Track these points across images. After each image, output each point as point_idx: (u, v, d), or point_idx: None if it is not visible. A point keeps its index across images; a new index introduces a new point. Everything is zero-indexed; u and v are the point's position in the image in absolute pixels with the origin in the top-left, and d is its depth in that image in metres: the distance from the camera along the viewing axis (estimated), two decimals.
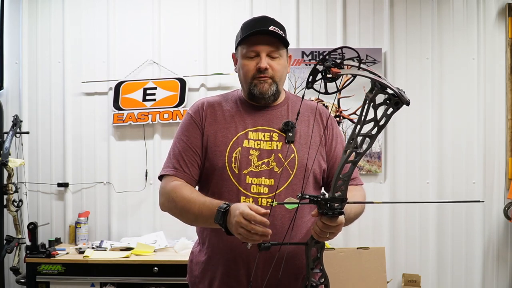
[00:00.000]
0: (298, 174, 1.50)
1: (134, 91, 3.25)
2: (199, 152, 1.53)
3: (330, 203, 1.21)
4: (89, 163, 3.31)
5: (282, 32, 1.51)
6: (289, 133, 1.51)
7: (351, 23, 3.26)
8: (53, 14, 3.33)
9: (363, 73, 1.11)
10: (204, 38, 3.28)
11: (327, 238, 1.29)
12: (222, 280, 1.50)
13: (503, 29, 3.20)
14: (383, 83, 1.07)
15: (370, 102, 1.10)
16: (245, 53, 1.52)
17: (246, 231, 1.24)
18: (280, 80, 1.55)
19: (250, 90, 1.53)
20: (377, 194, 3.20)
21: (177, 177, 1.52)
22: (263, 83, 1.51)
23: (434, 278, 3.21)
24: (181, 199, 1.45)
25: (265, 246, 1.30)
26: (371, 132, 1.12)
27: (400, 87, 1.09)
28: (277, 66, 1.52)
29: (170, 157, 1.56)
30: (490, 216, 3.19)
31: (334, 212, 1.22)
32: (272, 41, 1.50)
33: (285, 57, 1.55)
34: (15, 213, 2.97)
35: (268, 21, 1.54)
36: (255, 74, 1.51)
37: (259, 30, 1.49)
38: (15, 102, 3.32)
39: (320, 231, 1.27)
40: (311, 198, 1.23)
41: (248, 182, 1.48)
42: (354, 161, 1.17)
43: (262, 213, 1.25)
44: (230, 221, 1.29)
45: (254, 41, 1.50)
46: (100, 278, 2.79)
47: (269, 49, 1.50)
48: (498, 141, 3.19)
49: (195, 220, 1.46)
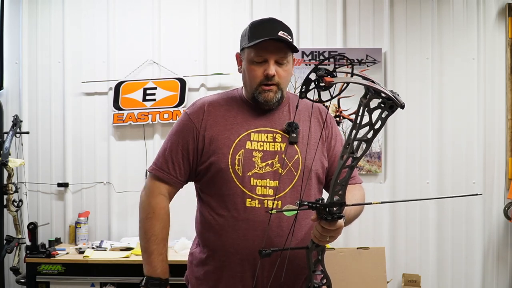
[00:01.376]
0: (302, 175, 1.49)
1: (134, 91, 3.25)
2: (190, 155, 1.52)
3: (329, 208, 1.21)
4: (89, 163, 3.31)
5: (290, 38, 1.49)
6: (292, 134, 1.50)
7: (351, 23, 3.26)
8: (53, 14, 3.33)
9: (356, 80, 1.11)
10: (204, 38, 3.28)
11: (327, 242, 1.29)
12: (227, 282, 1.49)
13: (503, 29, 3.20)
14: (377, 89, 1.08)
15: (365, 107, 1.10)
16: (252, 57, 1.49)
17: None
18: (286, 86, 1.54)
19: (255, 97, 1.51)
20: (377, 194, 3.20)
21: (163, 182, 1.54)
22: (268, 92, 1.49)
23: (434, 278, 3.21)
24: (146, 230, 1.54)
25: (266, 253, 1.31)
26: (366, 136, 1.13)
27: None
28: (284, 73, 1.50)
29: (160, 155, 1.57)
30: (490, 216, 3.19)
31: (333, 217, 1.22)
32: (281, 47, 1.47)
33: (291, 62, 1.54)
34: (15, 213, 2.97)
35: (277, 25, 1.50)
36: (262, 81, 1.49)
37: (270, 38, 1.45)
38: (15, 102, 3.32)
39: (320, 235, 1.27)
40: (309, 204, 1.23)
41: (253, 184, 1.46)
42: (351, 166, 1.18)
43: None
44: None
45: (263, 46, 1.47)
46: (100, 278, 2.79)
47: (278, 56, 1.48)
48: (498, 141, 3.19)
49: (142, 251, 1.56)
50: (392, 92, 1.09)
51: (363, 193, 1.60)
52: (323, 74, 1.10)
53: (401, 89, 3.19)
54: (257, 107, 1.55)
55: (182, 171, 1.54)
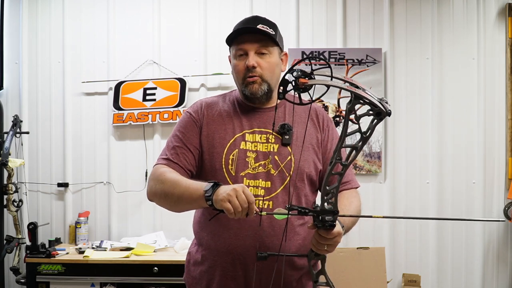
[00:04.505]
0: (294, 176, 1.49)
1: (134, 91, 3.25)
2: (194, 149, 1.52)
3: (321, 215, 1.20)
4: (89, 163, 3.31)
5: (271, 30, 1.50)
6: (285, 136, 1.51)
7: (351, 23, 3.26)
8: (53, 14, 3.33)
9: (334, 83, 1.11)
10: (204, 38, 3.28)
11: (326, 251, 1.28)
12: (220, 282, 1.50)
13: (503, 29, 3.20)
14: (358, 94, 1.07)
15: (349, 112, 1.10)
16: (234, 53, 1.53)
17: (236, 203, 1.22)
18: (272, 79, 1.52)
19: (243, 92, 1.53)
20: (377, 194, 3.20)
21: (169, 166, 1.50)
22: (253, 84, 1.50)
23: (434, 278, 3.21)
24: (169, 179, 1.42)
25: (262, 256, 1.31)
26: (358, 144, 1.12)
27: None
28: (265, 64, 1.50)
29: (164, 150, 1.56)
30: (490, 216, 3.18)
31: (325, 225, 1.21)
32: (259, 38, 1.49)
33: (276, 55, 1.54)
34: (15, 213, 2.97)
35: (257, 20, 1.53)
36: (245, 74, 1.50)
37: (245, 29, 1.49)
38: (15, 102, 3.32)
39: (317, 243, 1.26)
40: (300, 210, 1.22)
41: (245, 184, 1.46)
42: (341, 173, 1.17)
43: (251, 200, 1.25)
44: (223, 191, 1.26)
45: (242, 40, 1.50)
46: (100, 278, 2.79)
47: (256, 46, 1.49)
48: (498, 141, 3.19)
49: (178, 199, 1.39)
50: (380, 99, 1.08)
51: (359, 199, 1.58)
52: (299, 76, 1.10)
53: (401, 89, 3.20)
54: (252, 107, 1.56)
55: (187, 160, 1.51)
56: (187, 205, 1.41)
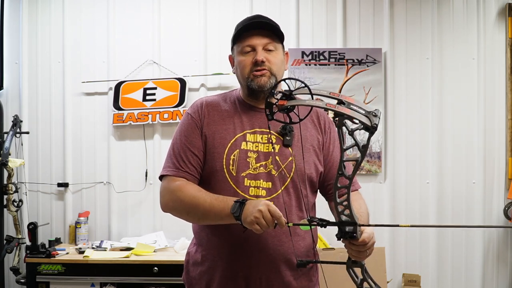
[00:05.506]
0: (295, 177, 1.49)
1: (134, 91, 3.25)
2: (199, 152, 1.52)
3: (341, 226, 1.25)
4: (89, 163, 3.31)
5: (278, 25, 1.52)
6: (286, 137, 1.50)
7: (351, 23, 3.26)
8: (53, 14, 3.33)
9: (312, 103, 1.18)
10: (204, 38, 3.28)
11: (360, 257, 1.32)
12: (220, 282, 1.49)
13: (503, 29, 3.20)
14: (338, 111, 1.12)
15: (339, 128, 1.17)
16: (240, 49, 1.52)
17: (264, 224, 1.28)
18: (278, 74, 1.52)
19: (248, 85, 1.51)
20: (377, 194, 3.20)
21: (179, 177, 1.49)
22: (261, 76, 1.49)
23: (434, 278, 3.21)
24: (189, 197, 1.43)
25: (301, 263, 1.39)
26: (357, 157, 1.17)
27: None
28: (274, 59, 1.50)
29: (170, 156, 1.54)
30: (490, 216, 3.18)
31: (345, 236, 1.26)
32: (266, 34, 1.50)
33: (281, 52, 1.54)
34: (15, 213, 2.97)
35: (261, 18, 1.54)
36: (252, 68, 1.49)
37: (252, 23, 1.50)
38: (15, 102, 3.32)
39: (358, 252, 1.31)
40: (319, 223, 1.28)
41: (247, 185, 1.46)
42: (347, 186, 1.23)
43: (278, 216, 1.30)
44: (249, 210, 1.31)
45: (249, 36, 1.50)
46: (100, 278, 2.79)
47: (264, 41, 1.49)
48: (498, 141, 3.19)
49: (203, 216, 1.42)
50: (368, 112, 1.11)
51: (364, 201, 1.60)
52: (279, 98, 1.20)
53: (401, 89, 3.20)
54: (254, 107, 1.56)
55: (195, 165, 1.51)
56: (212, 222, 1.45)
